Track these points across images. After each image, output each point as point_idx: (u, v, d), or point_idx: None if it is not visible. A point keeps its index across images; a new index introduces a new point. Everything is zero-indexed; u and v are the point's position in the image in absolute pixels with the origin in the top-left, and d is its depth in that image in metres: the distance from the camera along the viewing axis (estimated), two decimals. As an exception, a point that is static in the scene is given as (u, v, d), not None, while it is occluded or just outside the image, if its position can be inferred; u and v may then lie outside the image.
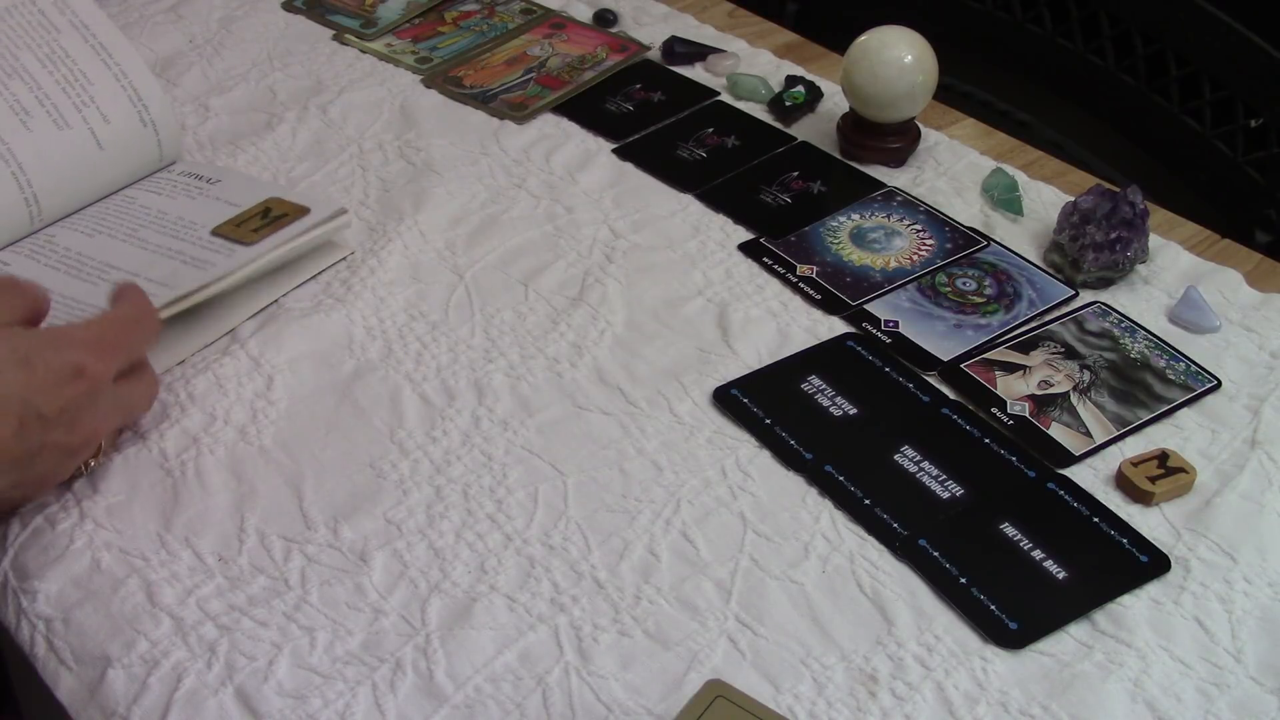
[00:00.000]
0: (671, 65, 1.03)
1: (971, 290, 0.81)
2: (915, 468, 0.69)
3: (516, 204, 0.88)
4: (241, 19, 1.09)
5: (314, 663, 0.59)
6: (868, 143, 0.92)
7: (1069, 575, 0.63)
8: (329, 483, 0.68)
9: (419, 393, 0.73)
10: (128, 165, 0.84)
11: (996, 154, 0.93)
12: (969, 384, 0.74)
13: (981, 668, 0.59)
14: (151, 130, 0.84)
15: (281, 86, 1.00)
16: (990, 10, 1.24)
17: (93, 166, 0.82)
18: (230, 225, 0.79)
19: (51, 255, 0.78)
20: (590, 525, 0.66)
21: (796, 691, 0.58)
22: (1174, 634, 0.61)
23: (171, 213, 0.81)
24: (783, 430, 0.71)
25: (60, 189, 0.80)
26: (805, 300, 0.80)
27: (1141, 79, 1.15)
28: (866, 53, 0.89)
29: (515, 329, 0.78)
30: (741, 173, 0.91)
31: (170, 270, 0.75)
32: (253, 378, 0.74)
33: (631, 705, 0.57)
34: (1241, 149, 1.10)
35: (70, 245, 0.79)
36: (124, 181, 0.84)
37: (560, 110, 0.98)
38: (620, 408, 0.73)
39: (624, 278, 0.82)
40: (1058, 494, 0.67)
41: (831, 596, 0.62)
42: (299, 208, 0.80)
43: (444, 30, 1.08)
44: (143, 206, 0.82)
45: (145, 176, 0.85)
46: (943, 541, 0.65)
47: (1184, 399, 0.73)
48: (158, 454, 0.69)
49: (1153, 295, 0.81)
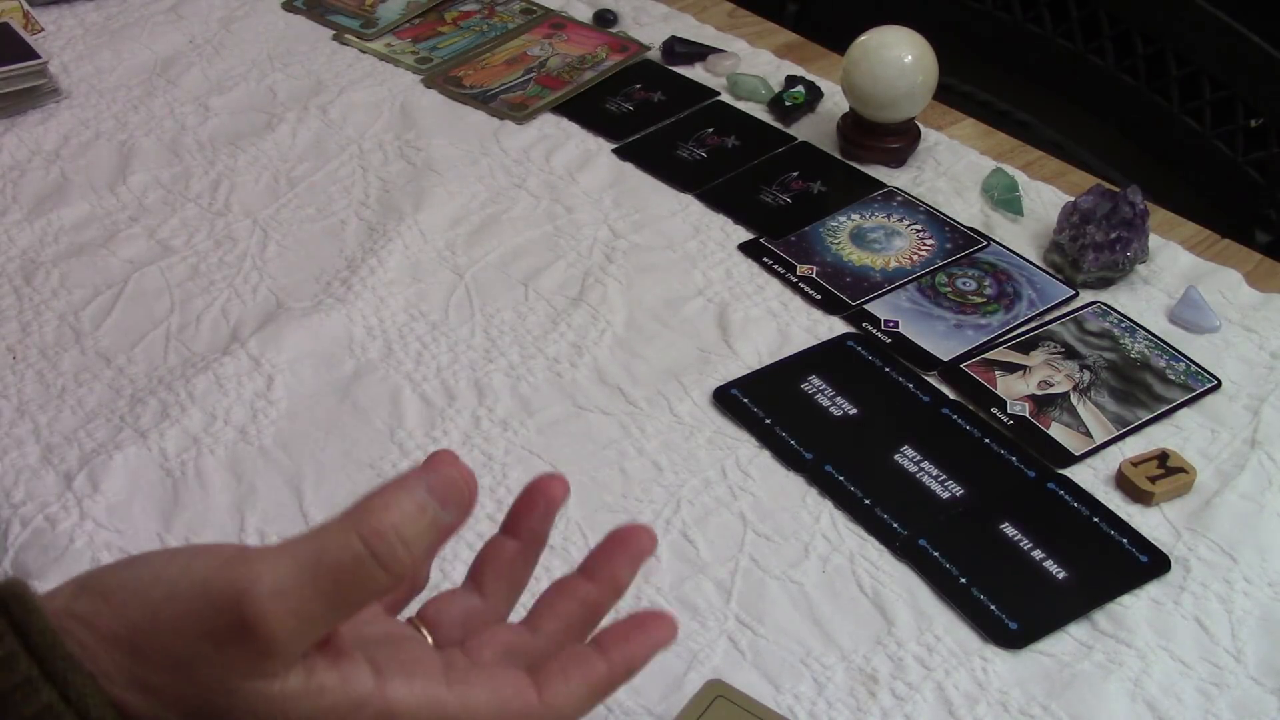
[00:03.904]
0: (671, 65, 1.03)
1: (971, 290, 0.81)
2: (915, 468, 0.69)
3: (516, 204, 0.88)
4: (241, 19, 1.09)
5: (314, 663, 0.59)
6: (868, 143, 0.92)
7: (1069, 575, 0.63)
8: (329, 483, 0.68)
9: (419, 393, 0.73)
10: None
11: (996, 154, 0.93)
12: (969, 384, 0.74)
13: (981, 668, 0.59)
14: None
15: (281, 86, 1.00)
16: (990, 10, 1.24)
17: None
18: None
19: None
20: (590, 525, 0.65)
21: (796, 691, 0.58)
22: (1174, 634, 0.61)
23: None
24: (783, 430, 0.71)
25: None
26: (805, 300, 0.80)
27: (1141, 79, 1.15)
28: (866, 53, 0.89)
29: (515, 329, 0.78)
30: (741, 173, 0.91)
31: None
32: (253, 378, 0.74)
33: (631, 705, 0.57)
34: (1241, 149, 1.09)
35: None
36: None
37: (560, 110, 0.98)
38: (620, 408, 0.72)
39: (624, 278, 0.82)
40: (1058, 494, 0.67)
41: (831, 596, 0.62)
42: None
43: (444, 30, 1.08)
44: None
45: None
46: (943, 541, 0.65)
47: (1184, 399, 0.73)
48: (158, 454, 0.69)
49: (1153, 295, 0.81)
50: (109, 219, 0.86)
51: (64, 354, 0.76)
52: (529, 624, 0.48)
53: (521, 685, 0.43)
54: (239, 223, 0.86)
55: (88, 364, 0.75)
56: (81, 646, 0.39)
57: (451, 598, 0.49)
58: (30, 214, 0.86)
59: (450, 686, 0.42)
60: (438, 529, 0.40)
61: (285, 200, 0.88)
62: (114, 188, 0.89)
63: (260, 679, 0.39)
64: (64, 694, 0.38)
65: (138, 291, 0.80)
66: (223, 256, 0.83)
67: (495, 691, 0.43)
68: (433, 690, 0.42)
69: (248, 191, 0.89)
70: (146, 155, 0.92)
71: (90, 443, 0.69)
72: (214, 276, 0.82)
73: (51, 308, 0.79)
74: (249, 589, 0.38)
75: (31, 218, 0.86)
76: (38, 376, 0.74)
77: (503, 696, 0.43)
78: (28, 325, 0.78)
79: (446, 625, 0.47)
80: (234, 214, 0.87)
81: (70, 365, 0.75)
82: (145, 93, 0.99)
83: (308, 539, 0.39)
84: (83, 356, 0.75)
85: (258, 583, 0.38)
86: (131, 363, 0.75)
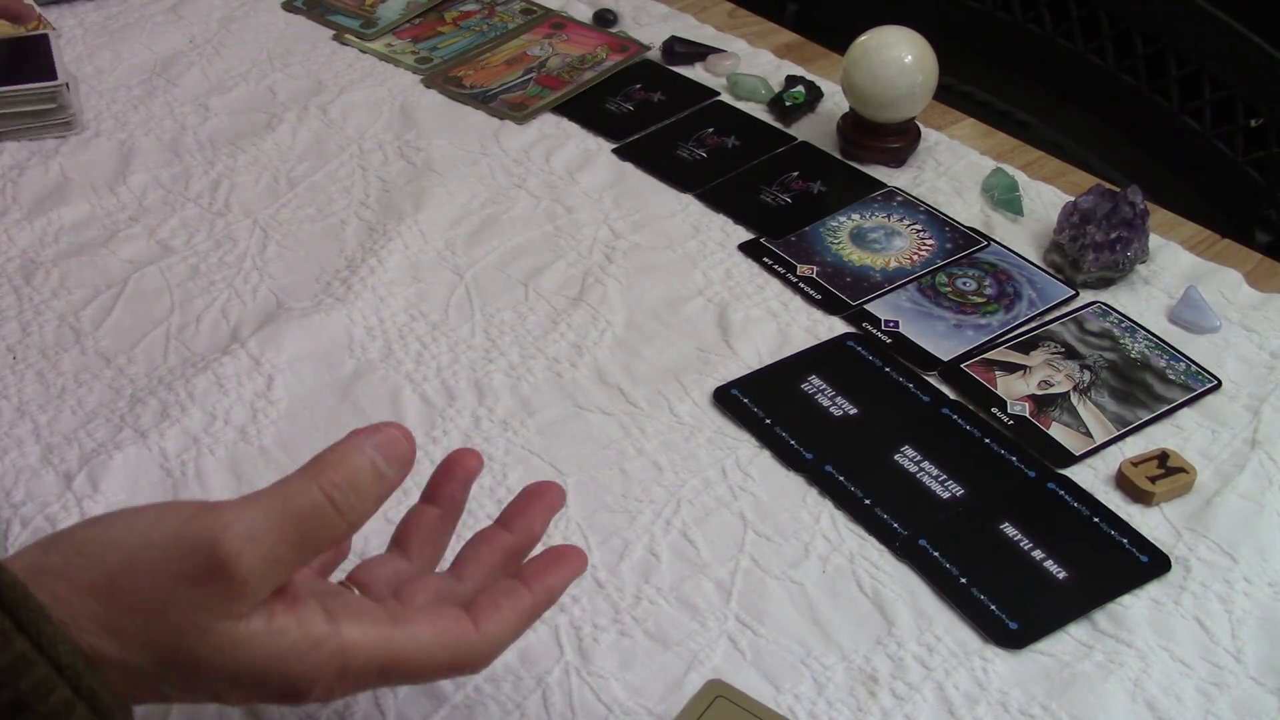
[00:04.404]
0: (671, 65, 1.03)
1: (971, 290, 0.81)
2: (915, 468, 0.69)
3: (516, 204, 0.88)
4: (241, 19, 1.09)
5: (314, 663, 0.59)
6: (868, 143, 0.92)
7: (1069, 575, 0.63)
8: (329, 483, 0.67)
9: (419, 393, 0.73)
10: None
11: (996, 154, 0.93)
12: (969, 384, 0.74)
13: (981, 668, 0.59)
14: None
15: (281, 86, 1.00)
16: (990, 10, 1.24)
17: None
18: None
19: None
20: (590, 525, 0.66)
21: (797, 691, 0.58)
22: (1174, 634, 0.61)
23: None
24: (783, 430, 0.71)
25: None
26: (805, 300, 0.80)
27: (1141, 79, 1.15)
28: (866, 53, 0.89)
29: (515, 329, 0.78)
30: (741, 173, 0.91)
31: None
32: (253, 378, 0.74)
33: (631, 705, 0.57)
34: (1241, 149, 1.09)
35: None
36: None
37: (560, 110, 0.98)
38: (620, 408, 0.72)
39: (624, 278, 0.82)
40: (1058, 494, 0.67)
41: (831, 596, 0.62)
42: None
43: (444, 30, 1.08)
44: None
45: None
46: (943, 541, 0.65)
47: (1184, 399, 0.73)
48: (158, 454, 0.69)
49: (1153, 295, 0.81)
50: (109, 219, 0.86)
51: (64, 354, 0.76)
52: (454, 573, 0.52)
53: (459, 619, 0.47)
54: (239, 223, 0.86)
55: (88, 364, 0.75)
56: (54, 598, 0.41)
57: (379, 561, 0.53)
58: (30, 214, 0.86)
59: (396, 625, 0.46)
60: (384, 482, 0.45)
61: (285, 200, 0.88)
62: (114, 188, 0.89)
63: (229, 619, 0.42)
64: (36, 643, 0.40)
65: (138, 291, 0.80)
66: (223, 256, 0.83)
67: (437, 626, 0.47)
68: (382, 630, 0.45)
69: (248, 191, 0.89)
70: (146, 155, 0.92)
71: (90, 443, 0.69)
72: (214, 276, 0.82)
73: (51, 308, 0.79)
74: (222, 534, 0.42)
75: (31, 217, 0.86)
76: (38, 376, 0.74)
77: (444, 630, 0.47)
78: (28, 325, 0.78)
79: (377, 584, 0.51)
80: (234, 214, 0.87)
81: (70, 365, 0.75)
82: (145, 93, 0.99)
83: (271, 492, 0.44)
84: (83, 356, 0.75)
85: (229, 528, 0.42)
86: (131, 363, 0.75)
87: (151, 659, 0.42)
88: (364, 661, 0.45)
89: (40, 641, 0.40)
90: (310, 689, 0.44)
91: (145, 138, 0.94)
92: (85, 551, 0.43)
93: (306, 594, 0.45)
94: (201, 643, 0.42)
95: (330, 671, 0.44)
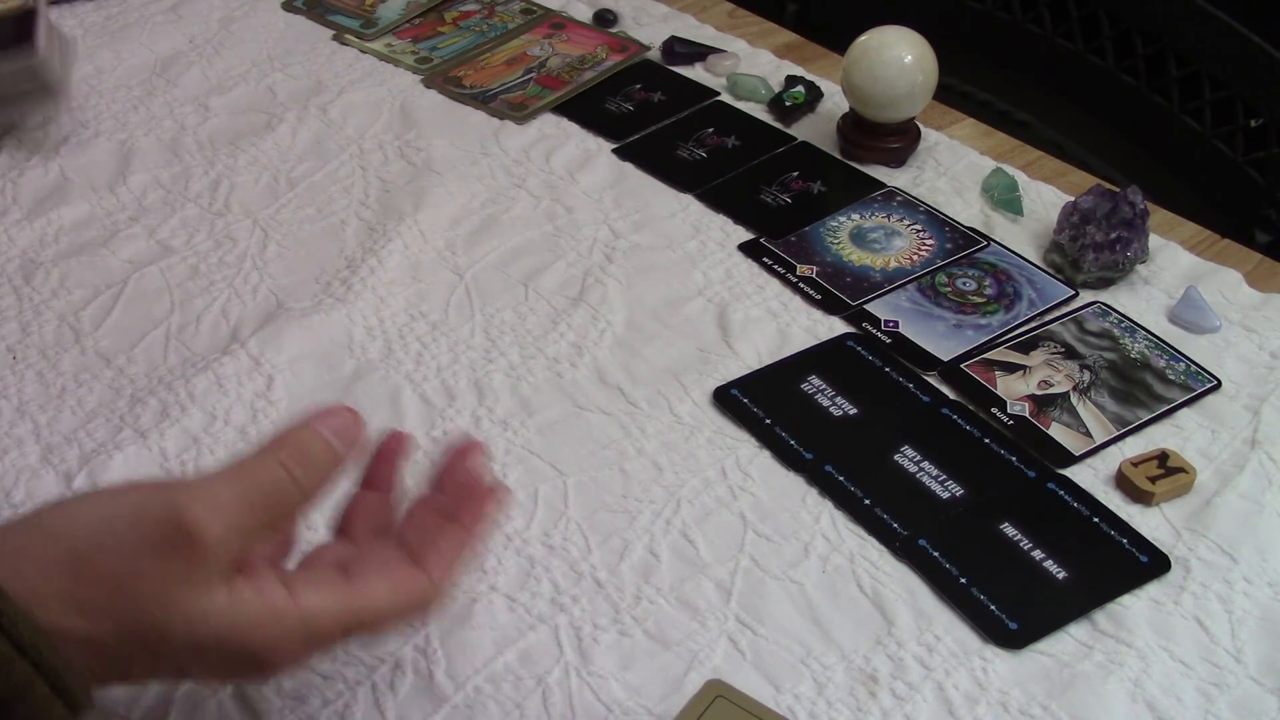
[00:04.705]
0: (671, 65, 1.03)
1: (971, 290, 0.81)
2: (915, 468, 0.69)
3: (516, 204, 0.88)
4: (241, 19, 1.09)
5: (313, 663, 0.59)
6: (868, 143, 0.92)
7: (1069, 575, 0.63)
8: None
9: (419, 393, 0.73)
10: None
11: (996, 154, 0.93)
12: (969, 384, 0.74)
13: (981, 668, 0.59)
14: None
15: (281, 86, 1.00)
16: (990, 10, 1.24)
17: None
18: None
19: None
20: (590, 525, 0.66)
21: (796, 691, 0.58)
22: (1174, 634, 0.61)
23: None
24: (783, 430, 0.71)
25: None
26: (805, 300, 0.80)
27: (1141, 79, 1.15)
28: (866, 53, 0.89)
29: (515, 329, 0.78)
30: (741, 173, 0.91)
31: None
32: (253, 378, 0.74)
33: (631, 705, 0.57)
34: (1241, 149, 1.09)
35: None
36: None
37: (560, 110, 0.98)
38: (620, 408, 0.73)
39: (624, 278, 0.82)
40: (1058, 494, 0.67)
41: (831, 596, 0.62)
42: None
43: (444, 30, 1.08)
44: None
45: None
46: (943, 541, 0.65)
47: (1184, 399, 0.73)
48: (158, 454, 0.69)
49: (1153, 295, 0.81)
50: (109, 219, 0.86)
51: (64, 354, 0.76)
52: (384, 539, 0.53)
53: (411, 570, 0.50)
54: (239, 223, 0.86)
55: (88, 364, 0.75)
56: (17, 576, 0.42)
57: (326, 547, 0.54)
58: (30, 214, 0.86)
59: (351, 584, 0.48)
60: (335, 456, 0.49)
61: (285, 200, 0.88)
62: (114, 188, 0.89)
63: (193, 589, 0.44)
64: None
65: (138, 292, 0.80)
66: (223, 256, 0.83)
67: (391, 580, 0.49)
68: (339, 594, 0.48)
69: (248, 191, 0.89)
70: (146, 155, 0.92)
71: (90, 443, 0.69)
72: (214, 277, 0.82)
73: (51, 308, 0.79)
74: (188, 504, 0.44)
75: (31, 218, 0.86)
76: (38, 376, 0.74)
77: (398, 582, 0.49)
78: (28, 325, 0.78)
79: (325, 567, 0.52)
80: (234, 214, 0.87)
81: (70, 365, 0.75)
82: (145, 93, 0.99)
83: (233, 468, 0.46)
84: (83, 356, 0.75)
85: (195, 500, 0.44)
86: (131, 363, 0.75)
87: (118, 634, 0.43)
88: (328, 626, 0.47)
89: (1, 621, 0.41)
90: (273, 659, 0.46)
91: (145, 138, 0.94)
92: (49, 530, 0.44)
93: (264, 566, 0.47)
94: (168, 615, 0.44)
95: (295, 641, 0.46)
